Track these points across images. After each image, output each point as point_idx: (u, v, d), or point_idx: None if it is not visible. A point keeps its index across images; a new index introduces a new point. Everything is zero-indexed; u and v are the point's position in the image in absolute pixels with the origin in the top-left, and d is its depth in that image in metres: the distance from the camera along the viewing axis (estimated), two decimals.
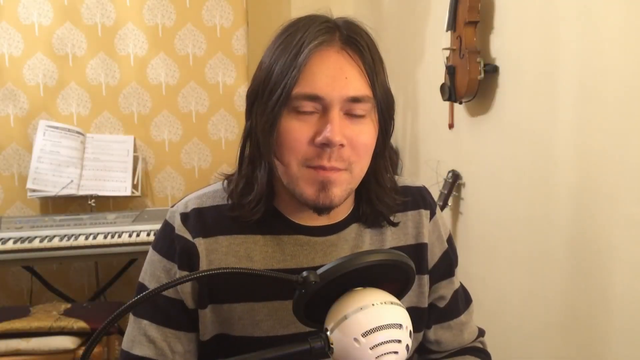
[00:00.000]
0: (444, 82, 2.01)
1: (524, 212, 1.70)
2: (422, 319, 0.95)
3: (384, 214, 0.89)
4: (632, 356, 1.29)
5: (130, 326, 0.88)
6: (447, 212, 2.12)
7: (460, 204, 2.09)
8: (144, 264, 0.90)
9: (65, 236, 2.49)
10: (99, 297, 2.92)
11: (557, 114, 1.52)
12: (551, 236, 1.56)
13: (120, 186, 2.88)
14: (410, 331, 0.64)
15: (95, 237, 2.49)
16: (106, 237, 2.49)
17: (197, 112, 3.16)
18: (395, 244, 0.92)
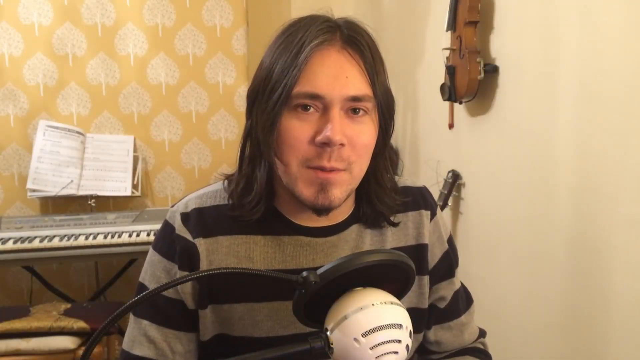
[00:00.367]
0: (444, 82, 2.01)
1: (524, 212, 1.70)
2: (422, 319, 0.94)
3: (384, 214, 0.89)
4: (632, 356, 1.29)
5: (130, 326, 0.88)
6: (447, 212, 2.12)
7: (460, 204, 2.09)
8: (144, 264, 0.90)
9: (65, 236, 2.49)
10: (99, 297, 2.92)
11: (557, 114, 1.52)
12: (551, 236, 1.56)
13: (120, 186, 2.87)
14: (410, 331, 0.64)
15: (95, 237, 2.48)
16: (106, 237, 2.49)
17: (197, 112, 3.16)
18: (395, 244, 0.91)
